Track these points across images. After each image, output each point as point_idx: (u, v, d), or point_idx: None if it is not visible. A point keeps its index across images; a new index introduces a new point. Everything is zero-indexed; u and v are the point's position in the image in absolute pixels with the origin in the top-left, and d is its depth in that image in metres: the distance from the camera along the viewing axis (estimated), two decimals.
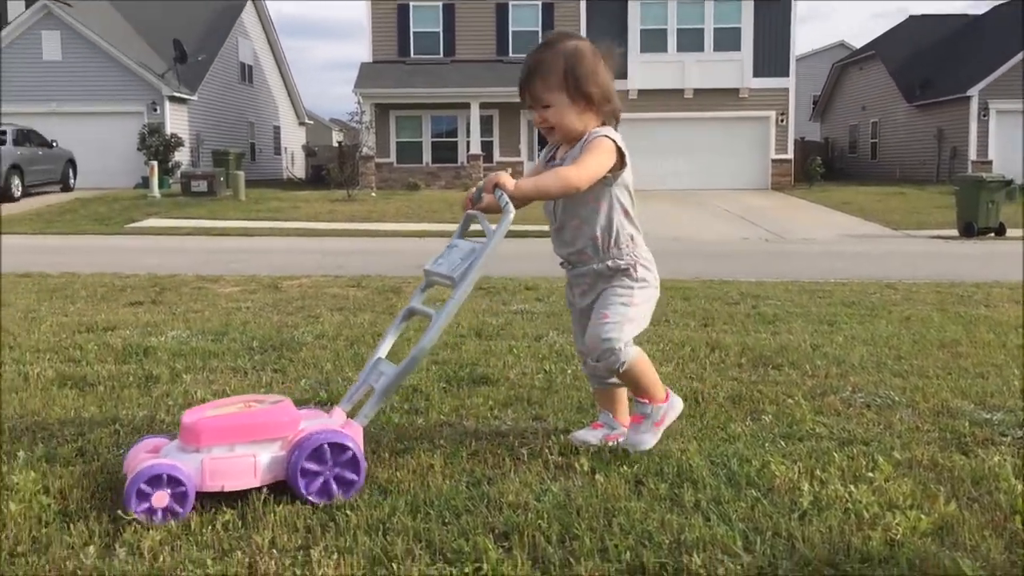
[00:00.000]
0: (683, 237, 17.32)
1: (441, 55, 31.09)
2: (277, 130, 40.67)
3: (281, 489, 2.55)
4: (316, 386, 3.95)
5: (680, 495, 2.59)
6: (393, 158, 30.40)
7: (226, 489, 2.50)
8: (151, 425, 3.34)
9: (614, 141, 2.81)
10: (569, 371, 4.25)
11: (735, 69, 30.20)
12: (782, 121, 30.69)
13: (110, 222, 20.14)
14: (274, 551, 2.21)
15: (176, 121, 30.02)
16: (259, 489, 2.53)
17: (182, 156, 29.56)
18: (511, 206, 2.78)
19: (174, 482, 2.40)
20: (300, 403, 3.47)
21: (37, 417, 3.42)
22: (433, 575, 2.08)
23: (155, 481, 2.39)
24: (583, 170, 2.77)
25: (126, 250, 13.90)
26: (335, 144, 43.58)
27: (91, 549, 2.21)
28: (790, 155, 31.07)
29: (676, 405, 3.05)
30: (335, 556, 2.17)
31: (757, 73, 30.32)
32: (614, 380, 3.05)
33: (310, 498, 2.50)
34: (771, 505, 2.51)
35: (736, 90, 30.43)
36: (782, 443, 3.11)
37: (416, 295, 3.07)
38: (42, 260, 11.22)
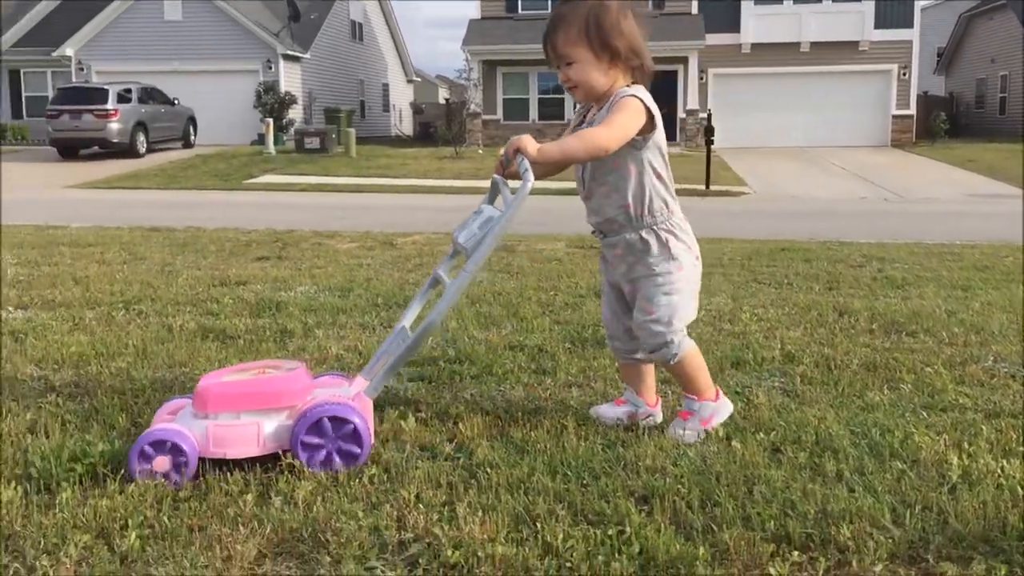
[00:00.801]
0: (799, 195, 16.84)
1: (549, 10, 30.76)
2: (386, 87, 41.12)
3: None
4: (444, 344, 4.02)
5: (821, 464, 2.54)
6: (500, 115, 30.37)
7: (228, 456, 2.51)
8: None
9: (642, 100, 2.63)
10: (694, 334, 4.19)
11: (855, 21, 28.95)
12: (904, 75, 29.35)
13: (229, 178, 20.78)
14: (420, 506, 2.28)
15: (290, 79, 30.65)
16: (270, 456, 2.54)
17: (295, 113, 30.20)
18: (530, 174, 2.60)
19: (176, 450, 2.43)
20: (345, 368, 3.54)
21: (184, 368, 3.59)
22: (577, 536, 2.11)
23: (158, 446, 2.43)
24: (612, 131, 2.60)
25: (245, 205, 14.34)
26: (442, 101, 43.83)
27: (249, 497, 2.31)
28: (912, 111, 29.72)
29: (725, 407, 2.86)
30: (480, 513, 2.22)
31: (878, 24, 29.00)
32: (640, 355, 2.90)
33: (312, 468, 2.49)
34: (918, 478, 2.44)
35: (856, 43, 29.19)
36: (924, 413, 3.02)
37: (444, 262, 2.94)
38: (167, 215, 11.70)
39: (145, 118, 24.88)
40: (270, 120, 26.17)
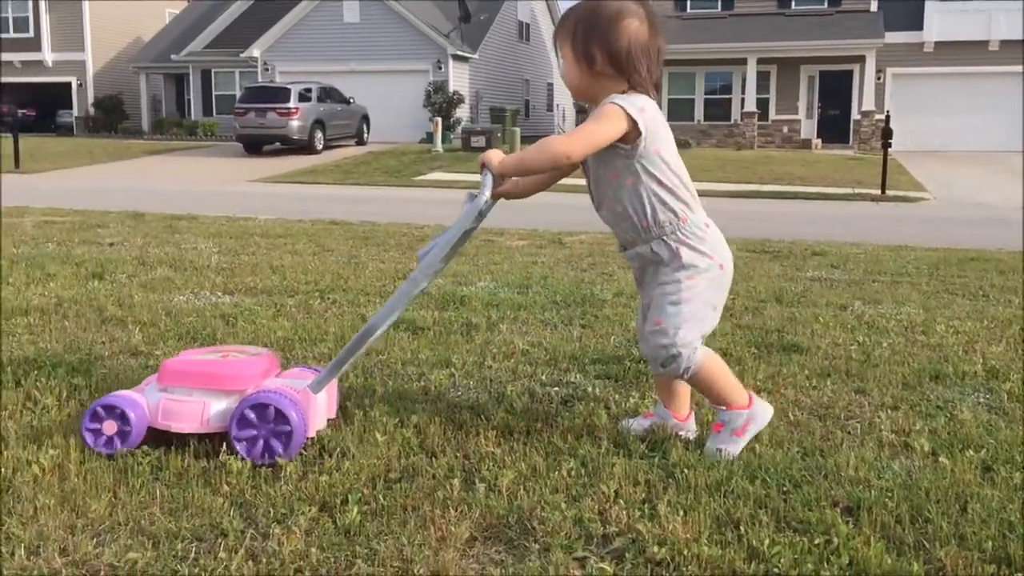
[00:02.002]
0: (986, 203, 15.89)
1: (719, 8, 30.26)
2: (550, 87, 41.44)
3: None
4: (626, 344, 4.04)
5: None
6: (664, 115, 30.08)
7: (173, 429, 2.60)
8: (480, 369, 3.58)
9: (623, 107, 2.46)
10: (885, 344, 4.06)
11: None
12: None
13: (399, 174, 21.53)
14: (620, 501, 2.32)
15: (458, 79, 31.39)
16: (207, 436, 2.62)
17: (462, 112, 30.91)
18: (487, 190, 2.55)
19: (114, 414, 2.56)
20: (534, 362, 3.57)
21: (381, 356, 3.77)
22: (783, 542, 2.09)
23: (109, 409, 2.57)
24: (573, 138, 2.51)
25: (414, 201, 14.82)
26: None
27: (455, 482, 2.41)
28: None
29: (760, 413, 2.68)
30: (681, 513, 2.24)
31: None
32: (652, 369, 2.75)
33: (240, 454, 2.53)
34: None
35: None
36: None
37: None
38: (343, 209, 12.23)
39: (323, 116, 26.08)
40: (438, 119, 26.91)
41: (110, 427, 2.58)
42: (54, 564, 1.96)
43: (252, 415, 2.55)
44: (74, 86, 38.10)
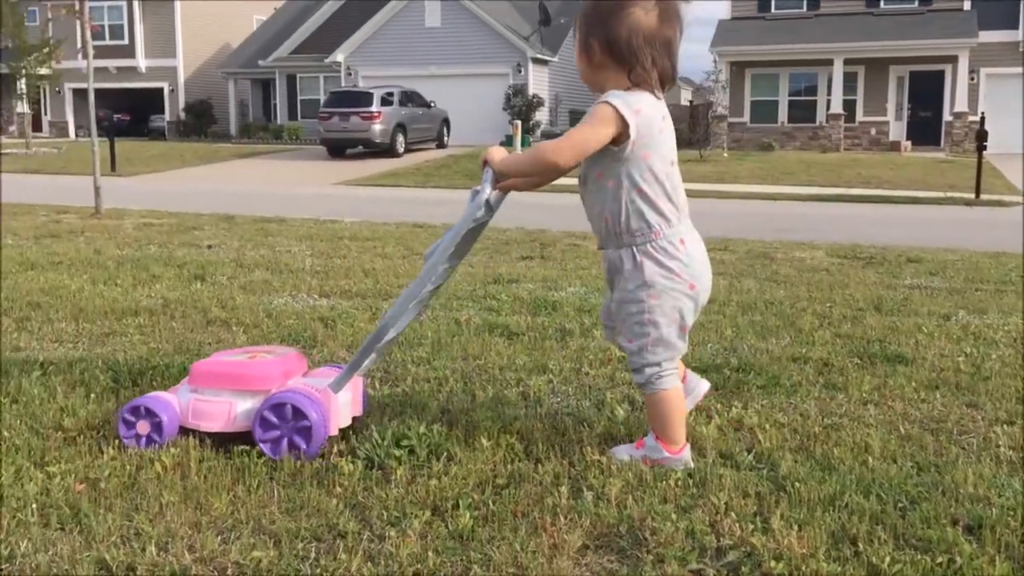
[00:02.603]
0: None
1: (804, 8, 29.69)
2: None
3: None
4: (723, 352, 4.00)
5: None
6: (747, 117, 29.66)
7: (201, 429, 2.70)
8: (578, 375, 3.59)
9: (615, 107, 2.37)
10: (995, 356, 3.93)
11: None
12: None
13: (479, 178, 21.52)
14: (732, 514, 2.29)
15: (537, 82, 31.44)
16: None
17: (542, 115, 30.94)
18: (488, 186, 2.57)
19: (151, 414, 2.68)
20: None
21: (478, 360, 3.80)
22: (904, 560, 2.05)
23: (135, 412, 2.69)
24: (562, 145, 2.45)
25: None
26: (684, 103, 43.33)
27: (563, 489, 2.42)
28: None
29: (680, 463, 2.59)
30: (795, 527, 2.21)
31: None
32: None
33: (263, 449, 2.62)
34: None
35: None
36: None
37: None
38: (426, 212, 12.35)
39: (404, 120, 26.40)
40: (518, 122, 26.93)
41: (143, 427, 2.70)
42: (183, 561, 2.03)
43: (273, 416, 2.64)
44: (166, 91, 39.33)
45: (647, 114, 2.42)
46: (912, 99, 28.93)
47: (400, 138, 26.14)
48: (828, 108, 28.48)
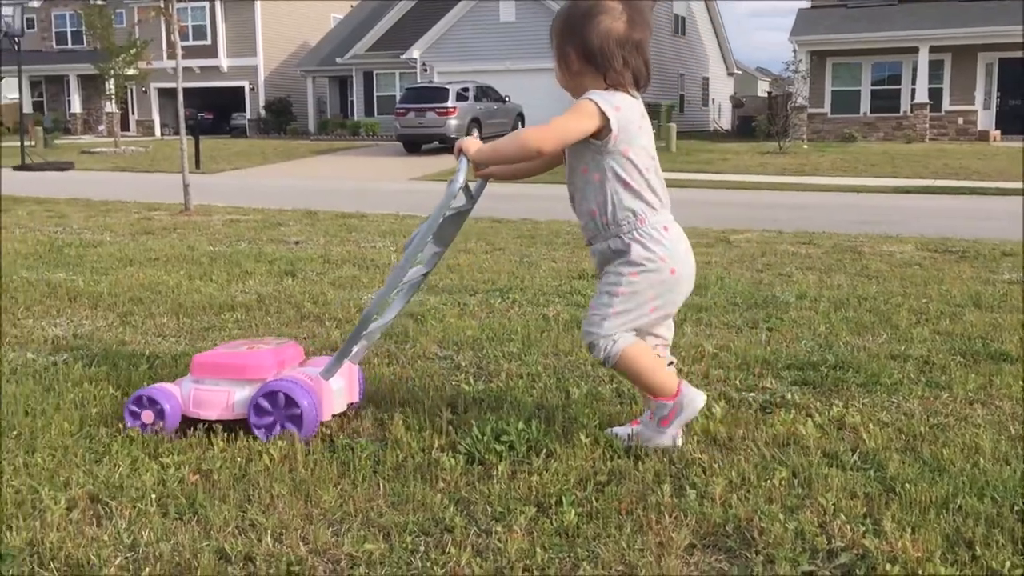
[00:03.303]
0: None
1: None
2: (706, 81, 40.71)
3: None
4: (819, 349, 3.93)
5: None
6: (827, 108, 29.02)
7: (202, 417, 2.83)
8: None
9: (597, 103, 2.50)
10: None
11: None
12: None
13: (555, 172, 21.56)
14: (841, 515, 2.25)
15: None
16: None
17: None
18: (461, 175, 2.65)
19: (153, 403, 2.82)
20: (724, 368, 3.47)
21: (569, 357, 3.81)
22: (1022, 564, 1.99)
23: (139, 402, 2.84)
24: (543, 130, 2.55)
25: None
26: (762, 94, 42.61)
27: (666, 487, 2.41)
28: None
29: (689, 403, 2.66)
30: (908, 530, 2.16)
31: None
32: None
33: (257, 434, 2.76)
34: None
35: None
36: None
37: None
38: (503, 207, 12.34)
39: (480, 115, 26.52)
40: None
41: (148, 416, 2.84)
42: (299, 552, 2.08)
43: (266, 403, 2.77)
44: (247, 90, 40.24)
45: (626, 111, 2.55)
46: (1001, 87, 27.93)
47: (475, 133, 26.26)
48: (913, 97, 27.70)
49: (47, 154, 25.83)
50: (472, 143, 2.69)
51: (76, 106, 42.92)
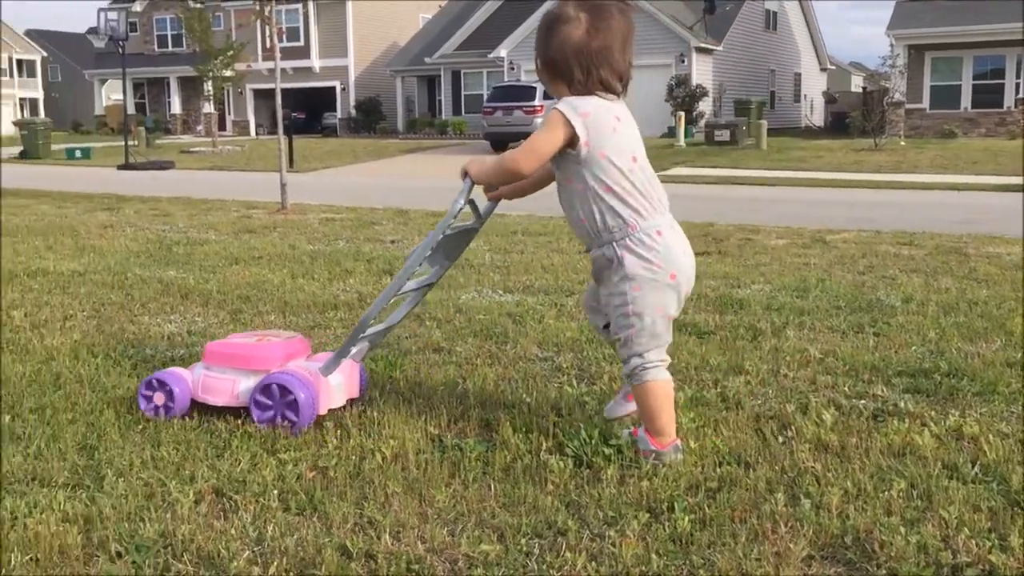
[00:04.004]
0: None
1: None
2: (798, 77, 39.85)
3: None
4: (930, 356, 3.82)
5: None
6: (925, 104, 28.11)
7: (209, 403, 2.99)
8: (776, 377, 3.51)
9: (562, 113, 2.52)
10: None
11: None
12: None
13: None
14: (965, 529, 2.19)
15: (701, 72, 30.88)
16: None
17: (705, 106, 30.38)
18: (463, 196, 2.73)
19: (163, 385, 2.98)
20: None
21: (672, 360, 3.77)
22: None
23: (150, 386, 3.01)
24: (521, 152, 2.60)
25: None
26: (855, 89, 41.53)
27: (779, 496, 2.38)
28: None
29: (668, 458, 2.62)
30: None
31: None
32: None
33: (259, 424, 2.89)
34: None
35: None
36: None
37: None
38: None
39: None
40: (681, 113, 26.59)
41: (159, 398, 3.01)
42: (417, 551, 2.13)
43: (265, 394, 2.90)
44: (338, 90, 41.04)
45: (596, 115, 2.55)
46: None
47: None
48: (1017, 92, 26.63)
49: (149, 153, 26.80)
50: (473, 163, 2.76)
51: (176, 107, 44.42)
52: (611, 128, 2.57)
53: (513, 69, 32.63)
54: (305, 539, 2.17)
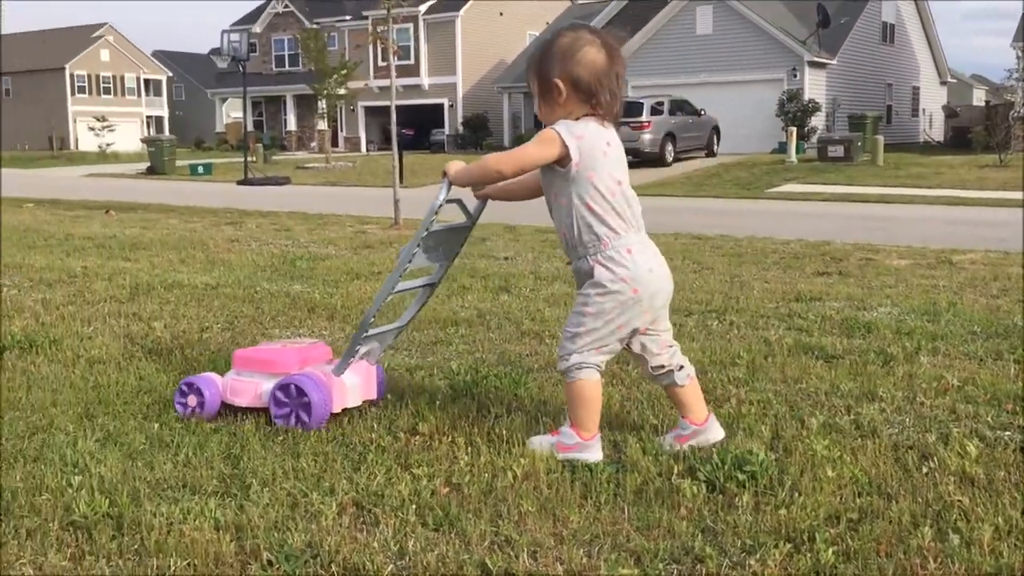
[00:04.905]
0: None
1: None
2: (915, 91, 38.56)
3: None
4: None
5: None
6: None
7: (236, 404, 3.22)
8: (912, 405, 3.40)
9: (559, 133, 2.69)
10: None
11: None
12: None
13: (751, 187, 21.11)
14: None
15: (814, 86, 30.21)
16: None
17: (818, 121, 29.70)
18: (441, 195, 2.92)
19: (197, 390, 3.23)
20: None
21: (800, 384, 3.70)
22: None
23: (184, 390, 3.25)
24: (506, 156, 2.79)
25: (770, 214, 14.43)
26: (977, 103, 39.91)
27: (925, 530, 2.30)
28: None
29: (591, 454, 2.81)
30: None
31: None
32: (677, 380, 2.94)
33: (277, 422, 3.12)
34: None
35: None
36: None
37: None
38: (700, 222, 12.19)
39: (674, 129, 26.29)
40: (793, 128, 26.05)
41: (192, 400, 3.25)
42: (556, 571, 2.14)
43: (282, 394, 3.12)
44: (446, 107, 41.78)
45: (590, 139, 2.72)
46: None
47: (669, 147, 26.05)
48: None
49: (266, 169, 27.77)
50: (453, 166, 2.92)
51: (291, 124, 45.96)
52: (602, 152, 2.75)
53: None
54: (446, 555, 2.21)
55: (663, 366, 2.94)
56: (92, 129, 42.02)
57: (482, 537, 2.31)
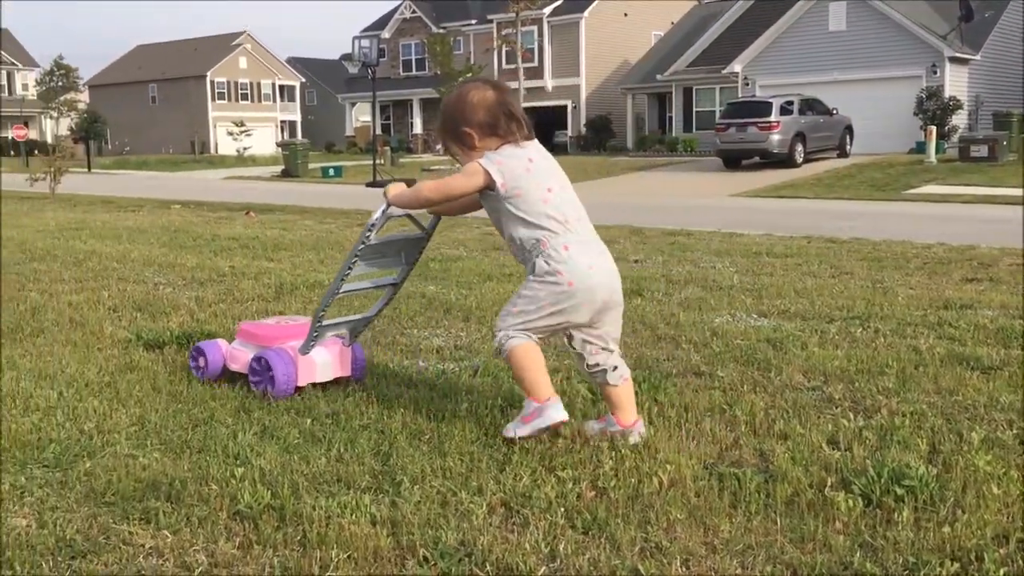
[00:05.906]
0: None
1: None
2: None
3: None
4: None
5: None
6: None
7: (233, 369, 3.74)
8: None
9: (481, 164, 3.00)
10: None
11: None
12: None
13: (887, 188, 20.33)
14: None
15: (955, 83, 28.85)
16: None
17: (959, 120, 28.34)
18: (376, 215, 3.26)
19: (202, 354, 3.79)
20: None
21: (955, 396, 3.54)
22: None
23: (196, 352, 3.83)
24: (434, 186, 3.17)
25: (908, 216, 13.85)
26: None
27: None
28: None
29: (551, 413, 2.98)
30: None
31: None
32: (610, 380, 3.10)
33: (254, 388, 3.60)
34: None
35: None
36: None
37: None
38: (831, 224, 11.80)
39: (804, 128, 25.58)
40: (932, 127, 24.94)
41: (201, 362, 3.79)
42: None
43: (256, 365, 3.59)
44: (569, 108, 41.81)
45: (509, 162, 3.02)
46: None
47: (799, 147, 25.37)
48: None
49: (394, 172, 28.45)
50: (393, 188, 3.26)
51: (417, 127, 46.90)
52: (524, 169, 3.03)
53: (747, 85, 31.92)
54: (597, 559, 2.21)
55: (598, 364, 3.12)
56: (231, 134, 43.92)
57: (632, 543, 2.30)
